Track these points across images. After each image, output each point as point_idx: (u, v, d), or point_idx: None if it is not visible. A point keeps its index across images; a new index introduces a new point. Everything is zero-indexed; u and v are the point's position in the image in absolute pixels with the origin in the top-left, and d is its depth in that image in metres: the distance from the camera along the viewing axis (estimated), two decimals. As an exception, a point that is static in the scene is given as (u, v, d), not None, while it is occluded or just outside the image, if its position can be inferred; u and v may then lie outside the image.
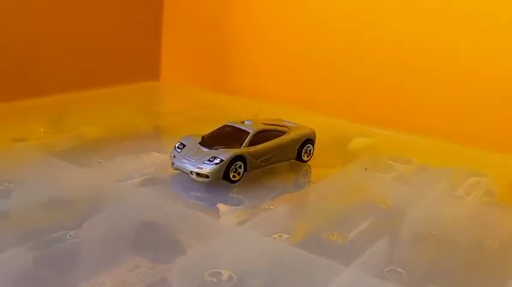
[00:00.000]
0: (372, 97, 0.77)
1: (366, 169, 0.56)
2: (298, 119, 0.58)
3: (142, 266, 0.37)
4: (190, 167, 0.47)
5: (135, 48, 1.02)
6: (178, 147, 0.50)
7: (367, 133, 0.70)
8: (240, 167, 0.48)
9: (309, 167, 0.57)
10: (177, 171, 0.50)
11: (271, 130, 0.52)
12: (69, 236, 0.40)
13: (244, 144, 0.49)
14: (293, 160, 0.55)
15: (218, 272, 0.36)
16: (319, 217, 0.47)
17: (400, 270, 0.39)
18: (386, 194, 0.52)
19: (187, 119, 0.72)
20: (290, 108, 0.76)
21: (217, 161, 0.47)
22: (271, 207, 0.47)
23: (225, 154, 0.47)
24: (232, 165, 0.47)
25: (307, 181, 0.55)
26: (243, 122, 0.52)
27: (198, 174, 0.47)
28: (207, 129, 0.53)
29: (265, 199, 0.49)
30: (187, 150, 0.49)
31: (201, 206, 0.47)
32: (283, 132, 0.53)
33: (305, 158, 0.55)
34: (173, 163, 0.49)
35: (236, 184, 0.49)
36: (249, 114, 0.70)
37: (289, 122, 0.57)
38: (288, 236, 0.42)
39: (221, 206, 0.47)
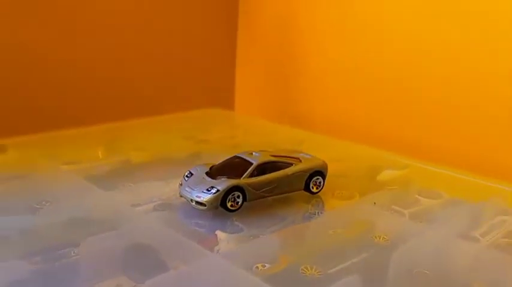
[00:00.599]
0: (411, 128, 0.76)
1: (375, 203, 0.56)
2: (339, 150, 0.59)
3: (124, 285, 0.42)
4: (190, 196, 0.51)
5: (210, 79, 1.08)
6: (186, 176, 0.54)
7: (400, 165, 0.69)
8: (238, 197, 0.51)
9: (323, 198, 0.58)
10: (186, 199, 0.54)
11: (277, 162, 0.54)
12: (73, 253, 0.46)
13: (245, 175, 0.52)
14: (304, 192, 0.56)
15: None
16: (309, 250, 0.48)
17: None
18: (392, 230, 0.52)
19: (231, 147, 0.75)
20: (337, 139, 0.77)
21: (213, 191, 0.50)
22: (266, 236, 0.49)
23: (222, 185, 0.50)
24: (229, 195, 0.50)
25: (316, 212, 0.56)
26: (251, 154, 0.55)
27: (197, 202, 0.51)
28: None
29: (264, 229, 0.51)
30: (193, 179, 0.53)
31: (198, 233, 0.50)
32: (290, 164, 0.55)
33: (314, 190, 0.56)
34: (180, 191, 0.53)
35: (234, 213, 0.51)
36: (292, 144, 0.73)
37: (305, 154, 0.59)
38: (268, 266, 0.44)
39: (219, 233, 0.50)
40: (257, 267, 0.44)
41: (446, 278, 0.45)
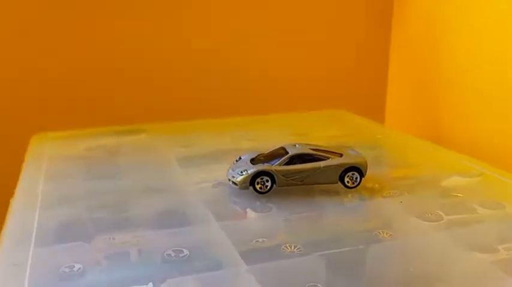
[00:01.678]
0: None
1: (401, 201, 0.57)
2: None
3: (146, 235, 0.53)
4: (228, 176, 0.60)
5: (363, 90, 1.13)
6: (236, 160, 0.63)
7: (474, 172, 0.67)
8: (267, 181, 0.58)
9: (366, 194, 0.61)
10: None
11: (313, 155, 0.60)
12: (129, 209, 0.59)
13: (278, 162, 0.59)
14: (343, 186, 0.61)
15: (180, 250, 0.49)
16: (308, 234, 0.53)
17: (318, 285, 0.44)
18: (402, 230, 0.54)
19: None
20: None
21: (244, 173, 0.58)
22: (285, 218, 0.56)
23: (252, 168, 0.58)
24: (257, 178, 0.58)
25: (346, 204, 0.59)
26: (294, 145, 0.61)
27: (232, 182, 0.59)
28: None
29: (290, 212, 0.57)
30: (239, 163, 0.62)
31: (231, 207, 0.59)
32: (326, 158, 0.60)
33: (349, 185, 0.60)
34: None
35: (264, 194, 0.59)
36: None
37: (353, 151, 0.63)
38: (264, 240, 0.51)
39: (248, 211, 0.58)
40: (262, 241, 0.51)
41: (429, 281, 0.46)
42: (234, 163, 0.62)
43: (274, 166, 0.59)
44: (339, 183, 0.60)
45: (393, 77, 1.17)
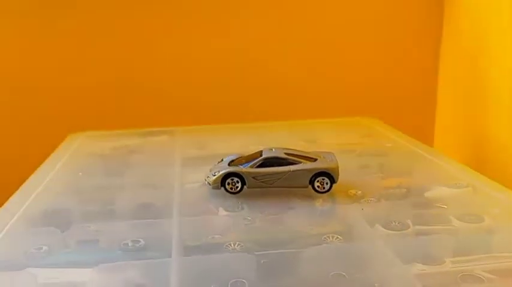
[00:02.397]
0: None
1: (363, 209, 0.57)
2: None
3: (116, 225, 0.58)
4: (205, 176, 0.64)
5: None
6: (218, 161, 0.66)
7: (462, 183, 0.65)
8: (237, 182, 0.61)
9: (339, 200, 0.62)
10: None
11: (286, 159, 0.62)
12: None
13: (250, 165, 0.61)
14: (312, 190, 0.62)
15: (138, 240, 0.53)
16: (259, 233, 0.55)
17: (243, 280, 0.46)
18: (356, 236, 0.54)
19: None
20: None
21: (216, 174, 0.62)
22: (248, 218, 0.58)
23: (223, 170, 0.61)
24: (228, 179, 0.61)
25: (313, 207, 0.60)
26: (272, 149, 0.64)
27: (207, 182, 0.63)
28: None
29: (257, 213, 0.59)
30: (219, 164, 0.65)
31: (206, 205, 0.62)
32: (298, 163, 0.61)
33: (319, 189, 0.61)
34: (211, 172, 0.66)
35: (235, 195, 0.62)
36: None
37: (331, 156, 0.64)
38: (218, 237, 0.54)
39: (220, 208, 0.61)
40: (213, 237, 0.54)
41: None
42: (215, 165, 0.66)
43: (245, 168, 0.61)
44: (310, 187, 0.61)
45: (442, 92, 1.14)
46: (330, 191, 0.61)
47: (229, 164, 0.63)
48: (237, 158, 0.65)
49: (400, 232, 0.55)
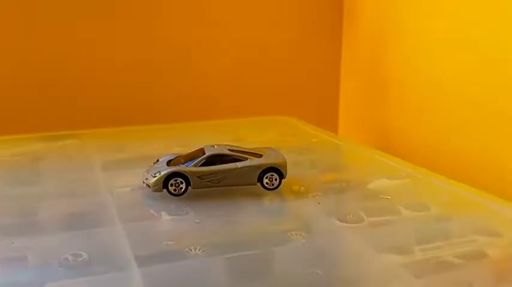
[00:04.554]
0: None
1: (319, 203, 0.56)
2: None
3: (46, 239, 0.50)
4: (143, 178, 0.57)
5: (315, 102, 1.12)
6: (154, 162, 0.60)
7: (402, 174, 0.66)
8: (181, 182, 0.56)
9: (288, 195, 0.59)
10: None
11: (230, 155, 0.58)
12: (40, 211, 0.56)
13: (193, 163, 0.57)
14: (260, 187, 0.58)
15: (79, 254, 0.46)
16: (216, 236, 0.50)
17: None
18: (317, 231, 0.52)
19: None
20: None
21: (157, 175, 0.56)
22: (197, 221, 0.53)
23: (165, 170, 0.56)
24: (171, 180, 0.55)
25: (263, 205, 0.57)
26: (213, 146, 0.59)
27: (146, 184, 0.57)
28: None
29: (204, 215, 0.55)
30: (155, 165, 0.59)
31: (146, 210, 0.57)
32: (245, 159, 0.58)
33: (268, 186, 0.58)
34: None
35: (179, 197, 0.56)
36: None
37: (276, 152, 0.61)
38: (172, 243, 0.49)
39: (163, 213, 0.56)
40: (166, 244, 0.48)
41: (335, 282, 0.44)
42: (151, 166, 0.60)
43: (189, 167, 0.56)
44: (258, 185, 0.58)
45: (345, 85, 1.16)
46: (279, 187, 0.58)
47: (167, 164, 0.58)
48: (175, 158, 0.60)
49: (357, 224, 0.53)
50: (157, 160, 0.60)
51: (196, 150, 0.60)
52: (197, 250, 0.47)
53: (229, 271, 0.44)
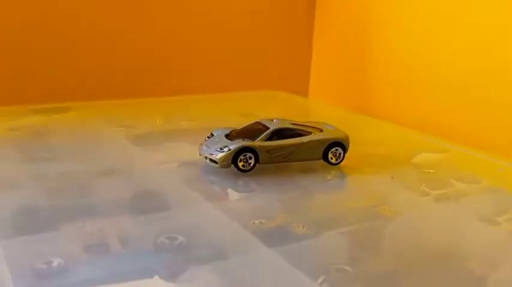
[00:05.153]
0: (458, 114, 0.73)
1: (393, 177, 0.55)
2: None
3: (120, 222, 0.45)
4: (205, 153, 0.54)
5: (286, 66, 1.10)
6: (207, 136, 0.57)
7: (441, 149, 0.67)
8: (250, 158, 0.53)
9: (346, 172, 0.58)
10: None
11: (295, 129, 0.55)
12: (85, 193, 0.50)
13: (259, 138, 0.54)
14: (325, 162, 0.57)
15: (174, 237, 0.42)
16: (310, 213, 0.48)
17: (347, 268, 0.39)
18: (403, 205, 0.51)
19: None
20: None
21: (226, 149, 0.52)
22: (273, 198, 0.51)
23: (234, 144, 0.52)
24: (240, 155, 0.52)
25: (332, 183, 0.56)
26: (272, 120, 0.56)
27: (210, 159, 0.53)
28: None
29: (275, 192, 0.52)
30: (212, 139, 0.55)
31: (211, 188, 0.53)
32: (309, 133, 0.56)
33: (333, 161, 0.56)
34: (199, 150, 0.56)
35: (247, 173, 0.53)
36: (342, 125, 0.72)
37: (330, 126, 0.59)
38: (264, 222, 0.46)
39: (230, 191, 0.52)
40: (254, 223, 0.45)
41: (443, 254, 0.43)
42: (206, 140, 0.56)
43: (257, 142, 0.53)
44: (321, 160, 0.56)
45: (317, 53, 1.16)
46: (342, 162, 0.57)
47: (228, 139, 0.55)
48: (230, 132, 0.57)
49: (428, 197, 0.54)
50: (212, 134, 0.57)
51: (253, 124, 0.57)
52: (302, 227, 0.44)
53: (346, 248, 0.42)
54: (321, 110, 0.89)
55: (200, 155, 0.55)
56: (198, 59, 1.02)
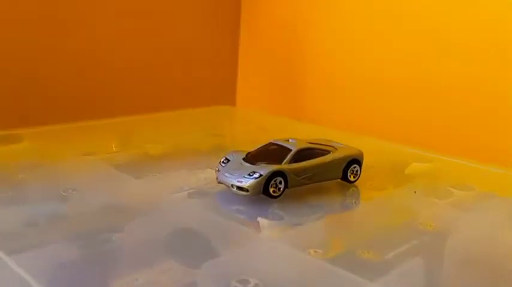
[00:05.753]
0: (433, 123, 0.76)
1: (415, 191, 0.55)
2: (357, 144, 0.59)
3: (174, 269, 0.40)
4: (231, 181, 0.49)
5: (212, 75, 1.07)
6: (223, 162, 0.52)
7: (425, 159, 0.69)
8: (280, 182, 0.49)
9: (358, 188, 0.57)
10: (224, 186, 0.52)
11: (315, 149, 0.53)
12: (114, 238, 0.43)
13: (285, 161, 0.50)
14: (340, 181, 0.55)
15: (246, 280, 0.37)
16: (358, 236, 0.47)
17: None
18: (436, 218, 0.51)
19: (247, 141, 0.74)
20: (350, 133, 0.76)
21: (256, 175, 0.48)
22: (310, 224, 0.48)
23: (264, 169, 0.49)
24: (271, 180, 0.49)
25: (354, 201, 0.55)
26: (288, 140, 0.53)
27: (238, 187, 0.49)
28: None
29: (305, 217, 0.49)
30: (230, 165, 0.51)
31: (241, 219, 0.49)
32: (328, 151, 0.54)
33: (351, 179, 0.55)
34: (217, 177, 0.51)
35: (276, 199, 0.50)
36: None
37: (337, 143, 0.58)
38: (321, 251, 0.43)
39: (261, 220, 0.49)
40: (309, 252, 0.42)
41: (499, 265, 0.44)
42: (222, 166, 0.52)
43: (284, 165, 0.50)
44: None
45: (242, 62, 1.14)
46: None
47: (251, 163, 0.51)
48: (247, 155, 0.53)
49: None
50: (227, 159, 0.52)
51: (267, 145, 0.54)
52: (369, 254, 0.42)
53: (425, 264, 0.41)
54: (288, 126, 0.87)
55: (220, 183, 0.51)
56: (132, 79, 0.95)
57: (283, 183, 0.50)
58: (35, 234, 0.43)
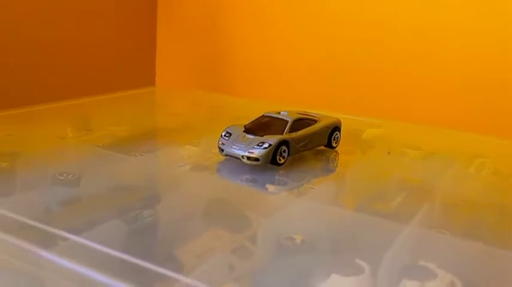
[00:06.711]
0: (377, 90, 0.84)
1: (389, 152, 0.62)
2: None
3: (223, 236, 0.41)
4: (241, 152, 0.52)
5: (130, 56, 1.06)
6: (225, 135, 0.54)
7: (375, 125, 0.76)
8: (284, 151, 0.53)
9: (333, 155, 0.62)
10: (223, 158, 0.54)
11: (306, 119, 0.57)
12: (145, 214, 0.44)
13: (285, 131, 0.54)
14: (322, 147, 0.60)
15: (291, 237, 0.41)
16: (360, 193, 0.52)
17: (444, 231, 0.44)
18: (412, 173, 0.58)
19: (201, 119, 0.76)
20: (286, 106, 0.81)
21: (266, 145, 0.52)
22: (314, 187, 0.52)
23: (272, 139, 0.52)
24: (278, 149, 0.52)
25: (340, 164, 0.60)
26: (279, 113, 0.57)
27: (248, 158, 0.52)
28: (222, 127, 0.56)
29: (306, 181, 0.53)
30: (234, 138, 0.54)
31: (256, 187, 0.51)
32: (315, 121, 0.58)
33: (334, 145, 0.60)
34: (222, 150, 0.53)
35: (282, 166, 0.53)
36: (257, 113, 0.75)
37: (312, 113, 0.62)
38: (343, 205, 0.47)
39: (270, 187, 0.52)
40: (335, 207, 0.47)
41: (481, 204, 0.52)
42: (225, 139, 0.54)
43: (286, 135, 0.54)
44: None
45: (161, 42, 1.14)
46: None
47: (254, 135, 0.54)
48: (246, 128, 0.56)
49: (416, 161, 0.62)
50: (228, 133, 0.55)
51: (261, 117, 0.57)
52: (377, 204, 0.48)
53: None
54: (211, 99, 0.89)
55: (227, 155, 0.53)
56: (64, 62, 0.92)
57: (287, 151, 0.53)
58: (63, 219, 0.42)
